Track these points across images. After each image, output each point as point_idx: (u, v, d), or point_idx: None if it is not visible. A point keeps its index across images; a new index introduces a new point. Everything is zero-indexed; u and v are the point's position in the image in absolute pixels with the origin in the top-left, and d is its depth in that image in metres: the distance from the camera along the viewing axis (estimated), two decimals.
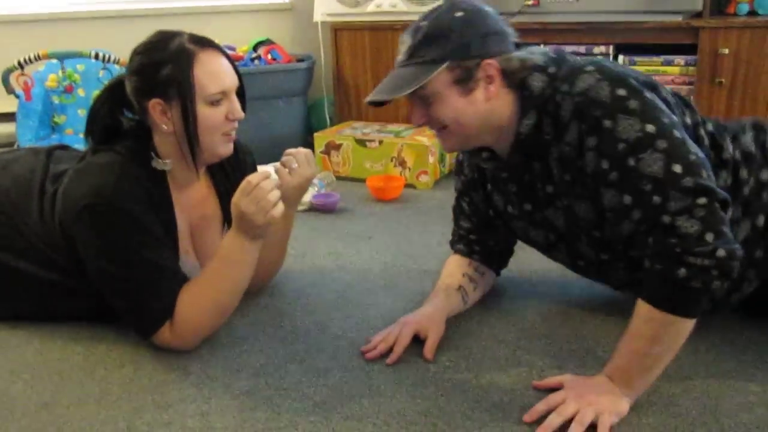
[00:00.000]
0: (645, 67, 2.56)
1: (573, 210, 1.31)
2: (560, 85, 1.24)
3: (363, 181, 2.63)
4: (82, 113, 2.96)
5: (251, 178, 1.31)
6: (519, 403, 1.23)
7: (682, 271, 1.10)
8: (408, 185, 2.63)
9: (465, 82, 1.24)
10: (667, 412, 1.20)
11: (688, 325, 1.15)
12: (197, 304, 1.38)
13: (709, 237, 1.09)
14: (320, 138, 2.84)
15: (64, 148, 1.73)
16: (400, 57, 1.28)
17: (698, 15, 2.48)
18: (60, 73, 2.85)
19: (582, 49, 2.65)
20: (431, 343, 1.39)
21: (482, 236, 1.57)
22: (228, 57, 1.42)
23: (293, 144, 1.62)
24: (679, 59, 2.52)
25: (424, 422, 1.18)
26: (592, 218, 1.29)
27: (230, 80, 1.40)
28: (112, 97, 1.45)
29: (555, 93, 1.24)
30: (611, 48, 2.61)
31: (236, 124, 1.43)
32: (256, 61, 3.09)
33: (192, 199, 1.52)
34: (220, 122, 1.39)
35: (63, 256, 1.43)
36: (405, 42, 1.27)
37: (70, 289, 1.48)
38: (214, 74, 1.36)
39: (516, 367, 1.34)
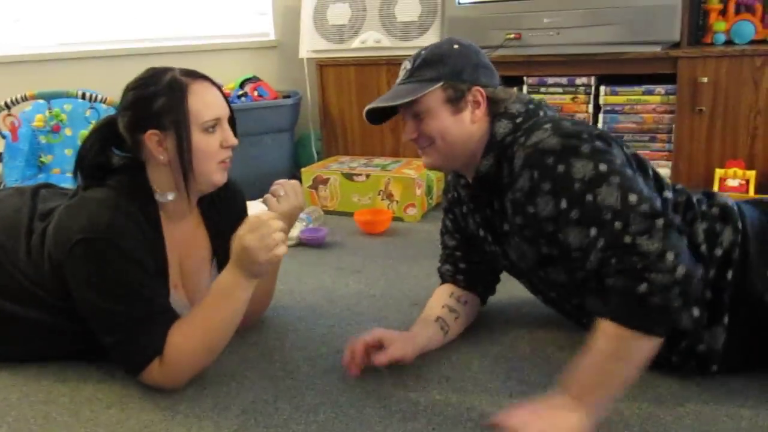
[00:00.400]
0: (627, 96, 2.60)
1: (522, 249, 1.38)
2: (519, 137, 1.33)
3: (351, 215, 2.64)
4: (69, 153, 2.95)
5: (261, 215, 1.32)
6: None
7: (643, 287, 1.12)
8: (396, 218, 2.64)
9: (456, 102, 1.36)
10: None
11: (649, 344, 1.15)
12: (188, 341, 1.36)
13: (670, 256, 1.12)
14: (307, 173, 2.85)
15: (49, 186, 1.72)
16: (400, 78, 1.42)
17: (676, 45, 2.52)
18: (47, 113, 2.86)
19: (564, 80, 2.69)
20: (389, 353, 1.40)
21: (467, 254, 1.61)
22: (219, 88, 1.45)
23: (281, 178, 1.62)
24: (660, 89, 2.56)
25: None
26: (536, 260, 1.37)
27: (222, 108, 1.43)
28: (102, 136, 1.46)
29: (514, 142, 1.34)
30: (593, 79, 2.65)
31: (231, 152, 1.45)
32: (243, 98, 3.12)
33: (182, 234, 1.52)
34: (215, 149, 1.41)
35: (51, 294, 1.42)
36: (405, 66, 1.41)
37: (57, 328, 1.46)
38: (207, 102, 1.39)
39: (508, 399, 1.33)
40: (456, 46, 1.39)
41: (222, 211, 1.58)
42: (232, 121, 1.47)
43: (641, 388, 1.33)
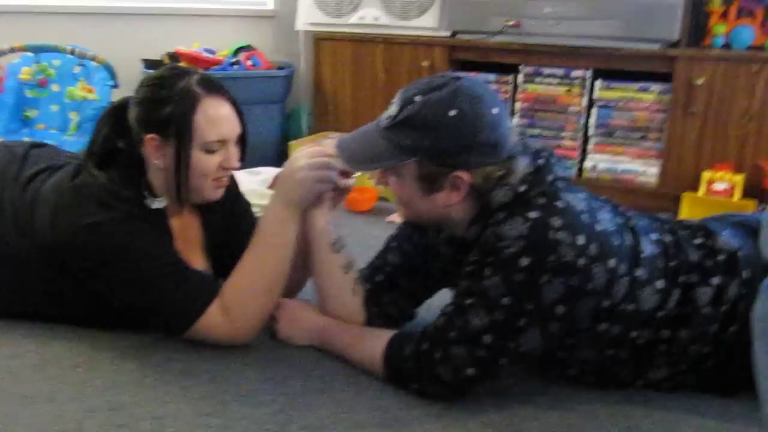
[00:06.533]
0: (621, 92, 2.59)
1: None
2: (512, 214, 1.16)
3: None
4: (56, 109, 2.91)
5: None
6: (481, 417, 1.22)
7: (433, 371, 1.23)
8: (382, 198, 2.62)
9: (429, 182, 1.19)
10: None
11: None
12: (245, 283, 1.36)
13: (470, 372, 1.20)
14: (296, 146, 2.82)
15: (41, 146, 1.69)
16: (384, 117, 1.22)
17: (675, 44, 2.52)
18: (34, 66, 2.81)
19: (560, 71, 2.67)
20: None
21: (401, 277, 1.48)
22: (234, 103, 1.40)
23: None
24: (655, 87, 2.55)
25: None
26: None
27: (231, 129, 1.38)
28: (112, 121, 1.43)
29: (508, 218, 1.16)
30: (589, 72, 2.64)
31: (230, 172, 1.42)
32: (236, 66, 3.07)
33: (178, 223, 1.50)
34: (212, 169, 1.38)
35: (34, 257, 1.40)
36: (395, 103, 1.21)
37: (35, 288, 1.45)
38: (215, 122, 1.35)
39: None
40: (453, 112, 1.13)
41: (222, 213, 1.56)
42: (243, 140, 1.42)
43: None
